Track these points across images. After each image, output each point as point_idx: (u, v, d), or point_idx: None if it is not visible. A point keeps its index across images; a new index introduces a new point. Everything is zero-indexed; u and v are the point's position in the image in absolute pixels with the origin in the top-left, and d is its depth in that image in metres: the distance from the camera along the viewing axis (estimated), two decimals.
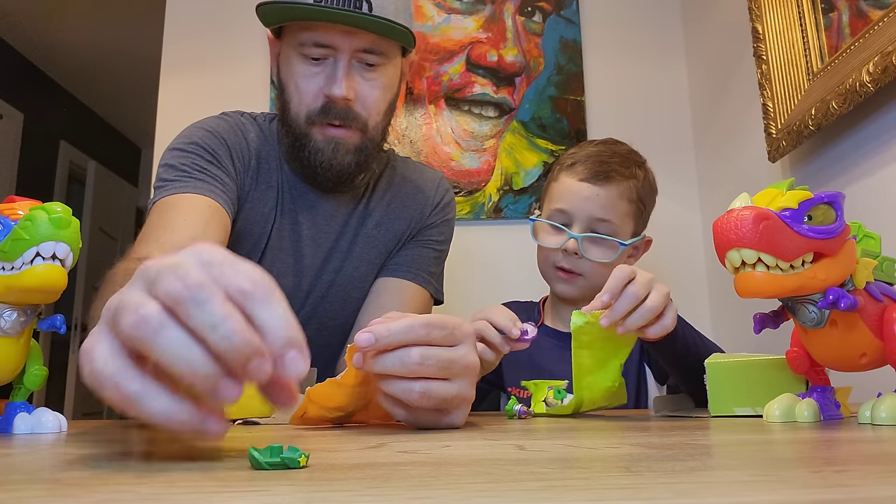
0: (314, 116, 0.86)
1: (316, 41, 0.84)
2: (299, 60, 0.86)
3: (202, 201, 0.82)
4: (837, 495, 0.22)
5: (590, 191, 1.01)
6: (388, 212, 0.99)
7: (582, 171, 1.02)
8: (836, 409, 0.55)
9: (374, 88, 0.87)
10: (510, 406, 0.72)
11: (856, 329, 0.50)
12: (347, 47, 0.84)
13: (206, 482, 0.26)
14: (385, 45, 0.86)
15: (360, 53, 0.85)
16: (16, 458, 0.37)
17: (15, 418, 0.52)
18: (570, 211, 1.02)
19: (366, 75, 0.86)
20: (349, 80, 0.85)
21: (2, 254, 0.48)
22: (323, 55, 0.85)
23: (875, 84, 0.95)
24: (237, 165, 0.90)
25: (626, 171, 1.04)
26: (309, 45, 0.84)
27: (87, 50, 3.63)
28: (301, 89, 0.86)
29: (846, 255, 0.50)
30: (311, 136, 0.87)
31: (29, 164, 3.60)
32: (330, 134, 0.87)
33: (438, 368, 0.48)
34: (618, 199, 1.02)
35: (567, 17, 1.76)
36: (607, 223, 1.01)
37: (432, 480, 0.26)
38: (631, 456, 0.33)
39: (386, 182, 1.01)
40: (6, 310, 0.50)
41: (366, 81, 0.86)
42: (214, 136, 0.90)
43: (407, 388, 0.48)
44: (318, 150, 0.87)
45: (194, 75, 1.77)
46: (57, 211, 0.48)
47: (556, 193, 1.05)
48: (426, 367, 0.48)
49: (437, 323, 0.49)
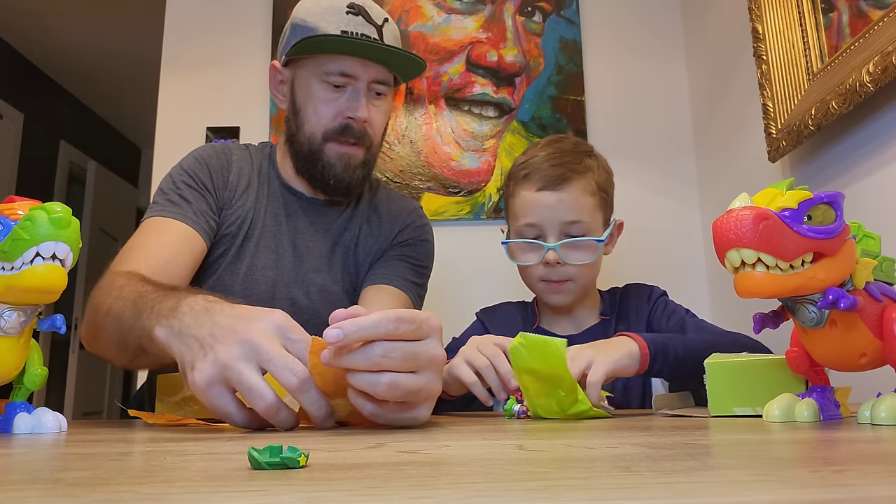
0: (331, 135, 0.97)
1: (342, 71, 0.95)
2: (321, 87, 0.97)
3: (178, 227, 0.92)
4: (837, 495, 0.22)
5: (552, 198, 0.99)
6: (369, 228, 1.06)
7: (538, 180, 1.00)
8: (836, 409, 0.55)
9: (380, 114, 1.01)
10: (509, 406, 0.71)
11: (855, 329, 0.50)
12: (365, 77, 0.96)
13: (206, 482, 0.26)
14: (391, 77, 1.00)
15: (373, 84, 0.98)
16: (16, 458, 0.37)
17: (15, 418, 0.52)
18: (539, 223, 1.00)
19: (375, 102, 0.99)
20: (368, 107, 0.98)
21: (2, 254, 0.48)
22: (344, 83, 0.96)
23: (875, 84, 0.95)
24: (216, 182, 1.01)
25: (580, 167, 1.02)
26: (335, 75, 0.95)
27: (87, 50, 3.63)
28: (320, 112, 0.97)
29: (846, 255, 0.50)
30: (325, 153, 0.98)
31: (29, 164, 3.60)
32: (342, 150, 0.98)
33: (403, 360, 0.50)
34: (581, 196, 1.00)
35: (567, 17, 1.76)
36: (579, 224, 0.99)
37: (432, 480, 0.26)
38: (631, 456, 0.33)
39: (367, 200, 1.09)
40: (6, 310, 0.50)
41: (375, 107, 0.99)
42: (199, 163, 1.01)
43: (374, 380, 0.50)
44: (331, 165, 0.98)
45: (194, 75, 1.77)
46: (57, 211, 0.49)
47: (519, 210, 1.03)
48: (390, 359, 0.50)
49: (406, 317, 0.50)
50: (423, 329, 0.52)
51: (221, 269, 0.97)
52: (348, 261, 1.04)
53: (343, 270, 1.04)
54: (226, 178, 1.03)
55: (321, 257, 1.02)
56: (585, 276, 1.03)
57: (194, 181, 0.99)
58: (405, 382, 0.51)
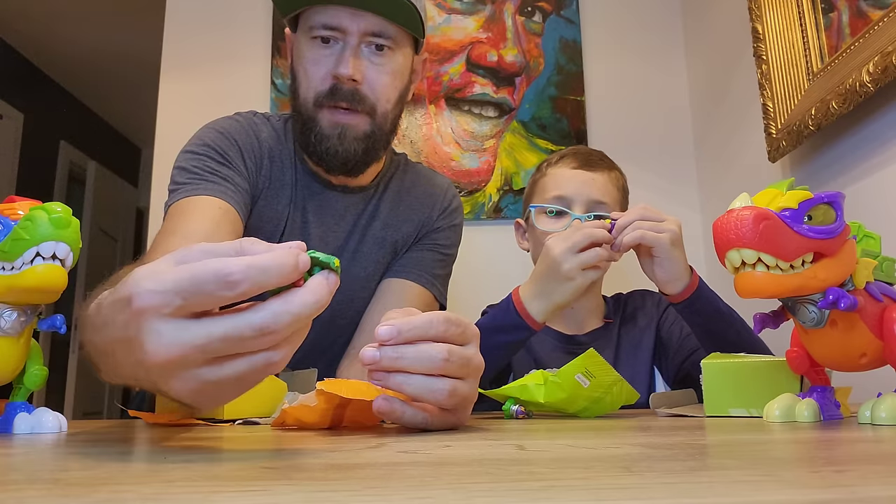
0: (322, 98, 0.87)
1: (325, 23, 0.85)
2: (309, 45, 0.87)
3: (213, 203, 0.82)
4: (837, 495, 0.22)
5: (585, 175, 1.04)
6: (397, 213, 1.00)
7: (572, 161, 1.06)
8: (836, 409, 0.55)
9: (382, 73, 0.88)
10: (507, 406, 0.71)
11: (856, 329, 0.50)
12: (356, 29, 0.85)
13: (206, 482, 0.26)
14: (394, 29, 0.87)
15: (369, 37, 0.86)
16: (16, 458, 0.37)
17: (15, 418, 0.52)
18: (570, 195, 1.03)
19: (374, 59, 0.87)
20: (356, 60, 0.86)
21: (2, 254, 0.48)
22: (332, 37, 0.86)
23: (875, 84, 0.95)
24: (249, 165, 0.91)
25: (610, 164, 1.09)
26: (318, 28, 0.86)
27: (87, 50, 3.63)
28: (310, 73, 0.87)
29: (846, 255, 0.50)
30: (318, 121, 0.88)
31: (29, 164, 3.60)
32: (337, 119, 0.87)
33: (460, 366, 0.47)
34: (610, 184, 1.05)
35: (567, 17, 1.76)
36: (605, 206, 1.02)
37: (432, 480, 0.26)
38: (631, 456, 0.33)
39: (396, 184, 1.01)
40: (6, 310, 0.50)
41: (374, 66, 0.87)
42: (226, 138, 0.90)
43: (434, 387, 0.46)
44: (324, 137, 0.88)
45: (194, 75, 1.77)
46: (57, 211, 0.48)
47: (550, 184, 1.06)
48: (452, 363, 0.46)
49: (454, 320, 0.48)
50: (467, 334, 0.50)
51: None
52: (381, 252, 0.98)
53: (376, 263, 0.97)
54: (259, 162, 0.92)
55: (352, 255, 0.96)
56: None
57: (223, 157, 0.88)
58: (462, 389, 0.48)
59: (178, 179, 0.86)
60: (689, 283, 0.86)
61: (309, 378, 0.73)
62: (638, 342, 1.05)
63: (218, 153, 0.88)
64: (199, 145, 0.89)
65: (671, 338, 1.03)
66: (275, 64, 1.73)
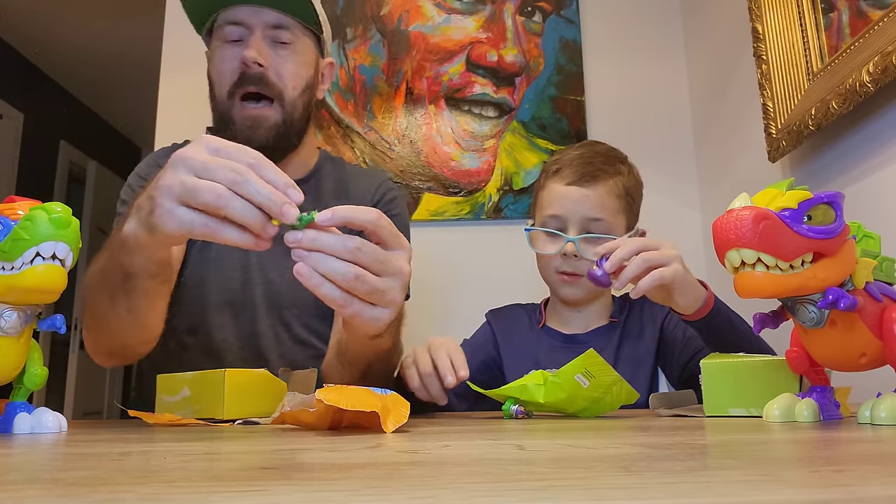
0: (233, 87, 0.93)
1: (228, 20, 0.94)
2: (220, 46, 0.95)
3: None
4: (837, 495, 0.22)
5: (579, 193, 1.02)
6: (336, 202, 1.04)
7: (568, 175, 1.04)
8: (836, 409, 0.55)
9: (286, 61, 0.96)
10: (507, 406, 0.71)
11: (855, 329, 0.50)
12: (258, 22, 0.94)
13: (206, 482, 0.26)
14: (293, 22, 0.96)
15: (271, 30, 0.95)
16: (16, 458, 0.37)
17: (15, 418, 0.52)
18: (563, 215, 1.03)
19: (278, 51, 0.95)
20: (260, 47, 0.93)
21: (2, 254, 0.48)
22: (239, 35, 0.94)
23: (875, 84, 0.95)
24: None
25: (611, 169, 1.06)
26: (225, 26, 0.94)
27: (87, 50, 3.63)
28: (221, 70, 0.95)
29: (846, 255, 0.50)
30: (233, 116, 0.94)
31: (29, 164, 3.60)
32: (249, 112, 0.94)
33: (374, 260, 0.56)
34: (607, 196, 1.03)
35: (567, 17, 1.76)
36: (601, 222, 1.02)
37: (432, 480, 0.26)
38: (631, 456, 0.33)
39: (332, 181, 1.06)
40: (6, 310, 0.50)
41: (278, 55, 0.95)
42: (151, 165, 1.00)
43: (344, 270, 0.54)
44: (237, 129, 0.94)
45: (194, 75, 1.76)
46: (57, 211, 0.49)
47: (546, 201, 1.06)
48: (363, 254, 0.55)
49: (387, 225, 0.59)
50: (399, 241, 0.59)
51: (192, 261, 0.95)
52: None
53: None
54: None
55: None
56: None
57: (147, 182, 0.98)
58: (371, 280, 0.56)
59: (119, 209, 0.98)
60: (706, 299, 0.85)
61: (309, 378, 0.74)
62: (641, 342, 1.05)
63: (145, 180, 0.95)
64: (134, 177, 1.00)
65: (675, 338, 1.03)
66: None
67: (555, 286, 1.07)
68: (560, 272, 1.04)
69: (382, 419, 0.50)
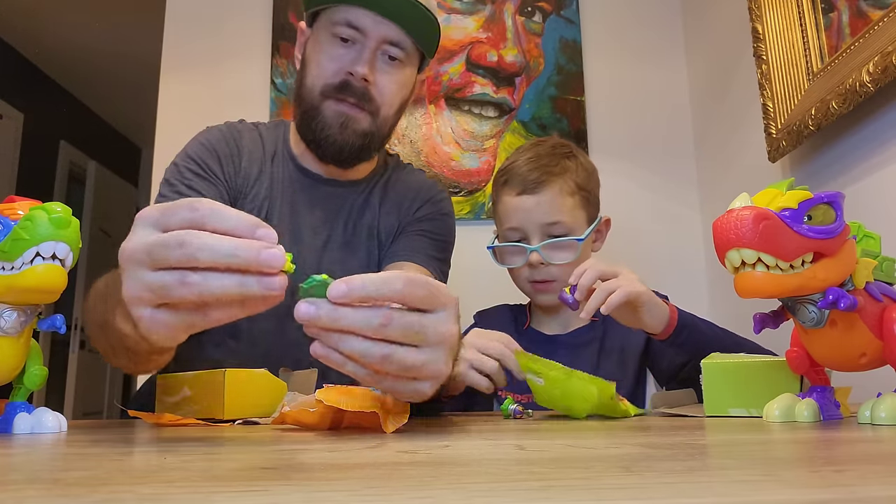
0: (329, 91, 0.90)
1: (349, 21, 0.88)
2: (328, 39, 0.90)
3: None
4: (837, 495, 0.22)
5: (529, 201, 1.02)
6: (383, 206, 1.01)
7: (517, 184, 1.03)
8: (836, 409, 0.55)
9: (392, 82, 0.92)
10: (506, 406, 0.71)
11: (855, 329, 0.50)
12: (376, 34, 0.88)
13: (206, 482, 0.26)
14: (409, 43, 0.91)
15: (386, 45, 0.90)
16: (16, 458, 0.37)
17: (15, 418, 0.52)
18: (521, 226, 1.02)
19: (386, 68, 0.91)
20: (373, 63, 0.89)
21: (2, 254, 0.48)
22: (352, 37, 0.89)
23: (875, 84, 0.95)
24: (227, 169, 0.95)
25: (557, 168, 1.04)
26: (341, 25, 0.89)
27: (88, 50, 3.63)
28: (323, 65, 0.90)
29: (846, 254, 0.50)
30: (322, 110, 0.91)
31: (29, 164, 3.60)
32: (341, 109, 0.90)
33: (404, 331, 0.44)
34: (559, 197, 1.02)
35: (567, 17, 1.76)
36: (559, 224, 1.01)
37: (432, 480, 0.26)
38: (631, 456, 0.33)
39: (384, 181, 1.03)
40: (6, 310, 0.50)
41: (384, 73, 0.91)
42: (206, 149, 0.95)
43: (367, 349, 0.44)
44: (326, 125, 0.91)
45: (194, 75, 1.77)
46: (57, 211, 0.48)
47: (502, 214, 1.06)
48: (391, 328, 0.44)
49: (419, 282, 0.45)
50: (436, 298, 0.45)
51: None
52: (372, 243, 0.99)
53: (368, 254, 0.99)
54: (237, 165, 0.96)
55: (344, 244, 0.98)
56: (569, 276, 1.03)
57: (203, 169, 0.93)
58: (403, 357, 0.44)
59: (163, 191, 0.92)
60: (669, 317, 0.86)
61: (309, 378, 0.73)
62: (625, 343, 1.03)
63: (199, 165, 0.93)
64: (184, 158, 0.94)
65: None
66: (275, 63, 1.73)
67: (531, 295, 1.07)
68: (532, 281, 1.03)
69: (382, 419, 0.50)
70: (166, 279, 0.41)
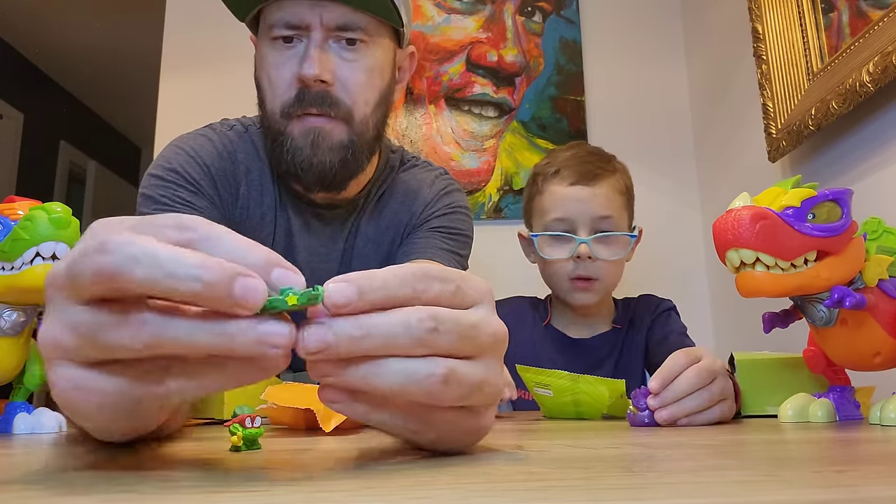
0: (289, 108, 0.77)
1: (283, 20, 0.76)
2: (270, 48, 0.78)
3: None
4: (837, 496, 0.22)
5: (584, 192, 1.00)
6: (378, 225, 0.90)
7: (569, 175, 1.01)
8: (856, 410, 0.54)
9: (356, 70, 0.77)
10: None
11: (867, 327, 0.49)
12: (319, 23, 0.75)
13: (206, 482, 0.26)
14: (365, 19, 0.76)
15: (336, 31, 0.76)
16: (16, 458, 0.37)
17: (15, 418, 0.52)
18: (571, 217, 0.99)
19: (345, 55, 0.77)
20: (323, 58, 0.75)
21: (2, 254, 0.48)
22: (295, 36, 0.76)
23: (875, 84, 0.95)
24: (224, 195, 0.82)
25: (609, 167, 1.04)
26: (278, 27, 0.76)
27: (88, 50, 3.63)
28: (273, 80, 0.77)
29: (852, 252, 0.49)
30: (288, 133, 0.77)
31: (29, 164, 3.60)
32: (308, 124, 0.77)
33: (460, 337, 0.29)
34: (612, 193, 1.01)
35: (567, 17, 1.76)
36: (610, 219, 1.00)
37: (432, 480, 0.26)
38: (631, 456, 0.33)
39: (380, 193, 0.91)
40: (6, 310, 0.50)
41: (345, 63, 0.77)
42: (197, 164, 0.81)
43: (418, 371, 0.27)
44: (297, 149, 0.77)
45: (194, 75, 1.77)
46: (57, 211, 0.49)
47: (548, 205, 1.02)
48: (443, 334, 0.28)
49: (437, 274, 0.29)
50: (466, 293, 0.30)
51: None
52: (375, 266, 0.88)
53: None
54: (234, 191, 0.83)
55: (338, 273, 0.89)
56: (612, 276, 1.02)
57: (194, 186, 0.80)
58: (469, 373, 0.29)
59: (144, 210, 0.77)
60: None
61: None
62: (637, 348, 1.04)
63: (188, 181, 0.79)
64: (168, 170, 0.79)
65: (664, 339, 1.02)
66: None
67: (566, 293, 1.02)
68: (573, 278, 0.99)
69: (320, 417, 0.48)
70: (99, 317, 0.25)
